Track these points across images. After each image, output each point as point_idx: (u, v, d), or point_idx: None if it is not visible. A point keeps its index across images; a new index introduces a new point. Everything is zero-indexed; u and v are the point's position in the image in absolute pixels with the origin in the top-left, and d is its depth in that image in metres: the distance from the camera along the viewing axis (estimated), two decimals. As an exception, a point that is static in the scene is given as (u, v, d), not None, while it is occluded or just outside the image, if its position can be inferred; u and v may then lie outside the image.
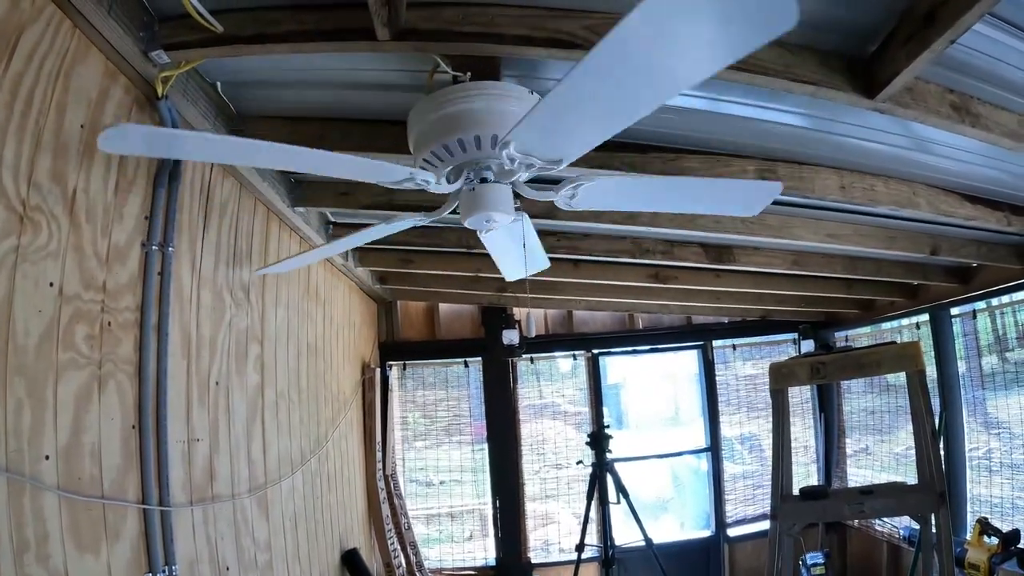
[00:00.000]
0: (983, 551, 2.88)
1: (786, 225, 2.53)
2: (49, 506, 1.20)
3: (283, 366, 2.53)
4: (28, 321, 1.18)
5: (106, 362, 1.41)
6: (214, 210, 1.94)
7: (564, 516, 4.54)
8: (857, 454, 4.51)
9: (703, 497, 4.71)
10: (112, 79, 1.43)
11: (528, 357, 4.50)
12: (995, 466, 3.40)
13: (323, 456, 2.99)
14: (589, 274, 3.36)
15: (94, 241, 1.39)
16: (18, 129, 1.17)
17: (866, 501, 2.56)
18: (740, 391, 4.78)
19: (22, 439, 1.16)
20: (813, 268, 3.12)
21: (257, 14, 1.35)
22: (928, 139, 1.91)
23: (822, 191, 2.03)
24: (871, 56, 1.43)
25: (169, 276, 1.63)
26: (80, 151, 1.34)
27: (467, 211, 1.42)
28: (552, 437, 4.61)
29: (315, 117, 1.85)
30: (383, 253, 3.36)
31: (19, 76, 1.17)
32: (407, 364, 4.53)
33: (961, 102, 1.58)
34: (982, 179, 2.19)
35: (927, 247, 2.74)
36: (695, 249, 2.95)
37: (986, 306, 3.46)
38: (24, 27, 1.17)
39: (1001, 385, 3.42)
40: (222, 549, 1.87)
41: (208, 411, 1.88)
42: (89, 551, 1.30)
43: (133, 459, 1.49)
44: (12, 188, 1.16)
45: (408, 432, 4.58)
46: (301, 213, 2.43)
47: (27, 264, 1.19)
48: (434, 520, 4.56)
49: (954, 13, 1.17)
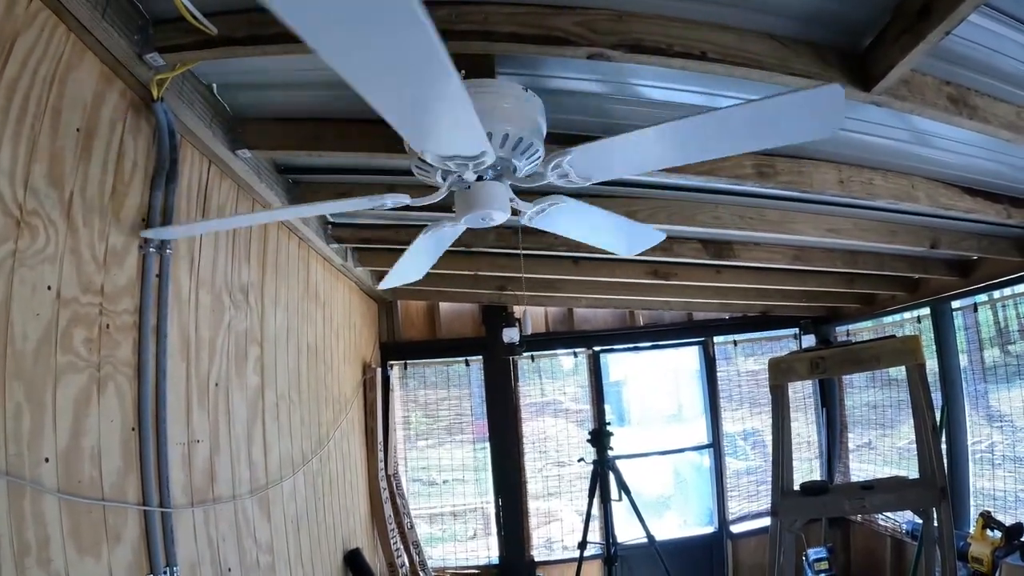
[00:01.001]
0: (986, 545, 2.87)
1: (786, 220, 2.52)
2: (49, 509, 1.21)
3: (283, 367, 2.54)
4: (26, 325, 1.19)
5: (105, 365, 1.41)
6: (212, 211, 1.94)
7: (567, 514, 4.55)
8: (860, 449, 4.50)
9: (706, 493, 4.71)
10: (108, 83, 1.43)
11: (529, 355, 4.50)
12: (998, 459, 3.39)
13: (324, 457, 3.00)
14: (589, 271, 3.36)
15: (91, 244, 1.39)
16: (14, 134, 1.17)
17: (867, 496, 2.55)
18: (742, 387, 4.78)
19: (22, 443, 1.16)
20: (814, 263, 3.11)
21: (250, 16, 1.34)
22: (926, 132, 1.90)
23: (820, 185, 2.03)
24: (866, 49, 1.43)
25: (167, 278, 1.64)
26: (76, 155, 1.34)
27: (464, 208, 1.41)
28: (554, 435, 4.61)
29: (311, 118, 1.85)
30: (382, 253, 3.36)
31: (14, 81, 1.17)
32: (408, 363, 4.53)
33: (958, 94, 1.57)
34: (981, 172, 2.19)
35: (927, 240, 2.73)
36: (694, 245, 2.94)
37: (987, 299, 3.45)
38: (19, 32, 1.17)
39: (1003, 378, 3.41)
40: (224, 551, 1.87)
41: (208, 413, 1.88)
42: (90, 554, 1.31)
43: (133, 461, 1.49)
44: (9, 193, 1.16)
45: (410, 431, 4.59)
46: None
47: (24, 268, 1.19)
48: (437, 519, 4.56)
49: (948, 5, 1.17)
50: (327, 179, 2.33)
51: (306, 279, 2.88)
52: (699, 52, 1.35)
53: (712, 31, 1.36)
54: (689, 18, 1.35)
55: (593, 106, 1.76)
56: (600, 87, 1.69)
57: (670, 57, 1.34)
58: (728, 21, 1.37)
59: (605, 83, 1.67)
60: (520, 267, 3.15)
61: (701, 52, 1.35)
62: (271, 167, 2.18)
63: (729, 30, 1.37)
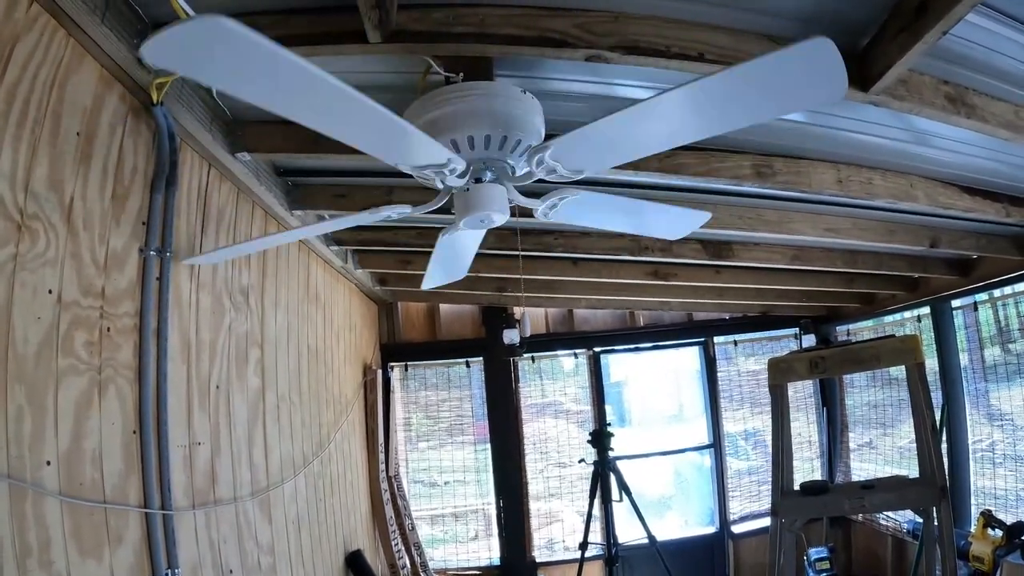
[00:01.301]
0: (987, 544, 2.87)
1: (785, 220, 2.53)
2: (51, 512, 1.21)
3: (284, 369, 2.54)
4: (27, 328, 1.19)
5: (106, 368, 1.41)
6: (212, 214, 1.95)
7: (568, 514, 4.55)
8: (861, 448, 4.50)
9: (707, 494, 4.71)
10: (107, 86, 1.43)
11: (529, 356, 4.51)
12: (999, 458, 3.39)
13: (325, 458, 3.00)
14: (589, 272, 3.37)
15: (92, 248, 1.39)
16: (14, 138, 1.18)
17: (867, 496, 2.56)
18: (742, 387, 4.78)
19: (23, 445, 1.16)
20: (813, 263, 3.12)
21: (248, 19, 1.33)
22: (925, 131, 1.90)
23: (819, 185, 2.03)
24: (864, 49, 1.43)
25: (168, 281, 1.64)
26: (76, 159, 1.34)
27: (464, 210, 1.41)
28: (555, 436, 4.61)
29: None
30: (382, 255, 3.36)
31: (14, 86, 1.18)
32: (409, 365, 4.53)
33: (956, 93, 1.57)
34: (980, 171, 2.19)
35: (927, 239, 2.74)
36: (694, 246, 2.95)
37: (988, 297, 3.45)
38: (18, 37, 1.18)
39: (1004, 377, 3.41)
40: (225, 552, 1.88)
41: (209, 415, 1.88)
42: (91, 556, 1.31)
43: (134, 463, 1.49)
44: (9, 197, 1.16)
45: (411, 433, 4.59)
46: (299, 216, 2.44)
47: (25, 272, 1.19)
48: (438, 520, 4.56)
49: (945, 4, 1.17)
50: (326, 181, 2.34)
51: (306, 281, 2.89)
52: (696, 53, 1.36)
53: (709, 32, 1.37)
54: (686, 19, 1.36)
55: (592, 108, 1.77)
56: (597, 88, 1.69)
57: (668, 59, 1.35)
58: (725, 22, 1.38)
59: (602, 84, 1.67)
60: (519, 268, 3.15)
61: (698, 53, 1.36)
62: (270, 169, 2.18)
63: (726, 31, 1.38)
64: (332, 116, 1.06)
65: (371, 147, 1.20)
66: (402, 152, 1.22)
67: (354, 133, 1.12)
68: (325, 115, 1.06)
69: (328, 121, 1.08)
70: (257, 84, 0.96)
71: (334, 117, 1.06)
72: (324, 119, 1.07)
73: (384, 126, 1.08)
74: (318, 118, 1.07)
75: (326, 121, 1.08)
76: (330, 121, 1.08)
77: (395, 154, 1.24)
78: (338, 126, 1.09)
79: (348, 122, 1.07)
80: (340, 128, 1.10)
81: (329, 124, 1.09)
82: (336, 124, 1.09)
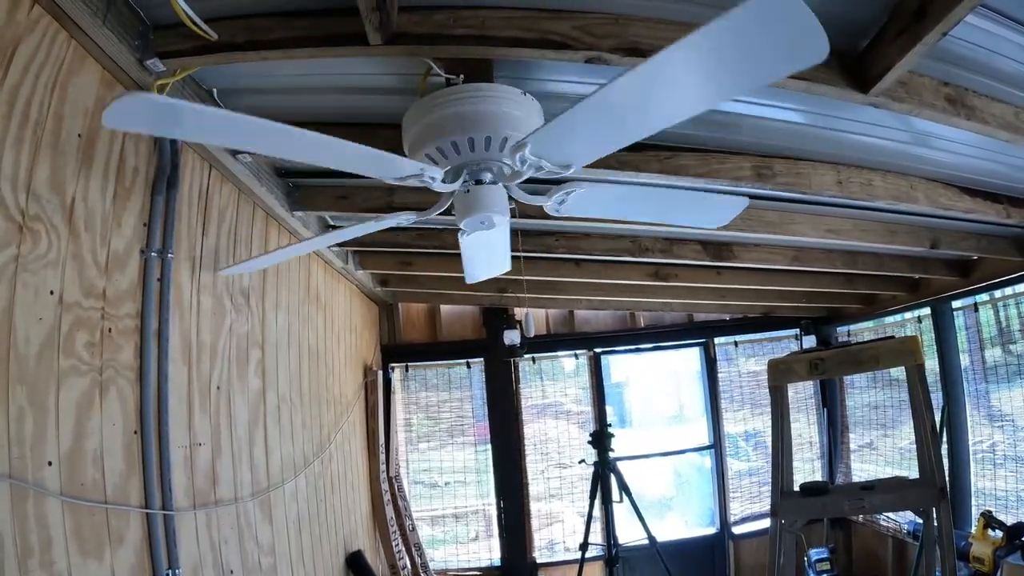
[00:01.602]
0: (987, 544, 2.87)
1: (785, 221, 2.53)
2: (52, 512, 1.22)
3: (284, 370, 2.55)
4: (29, 329, 1.20)
5: (107, 368, 1.42)
6: (212, 216, 1.95)
7: (569, 515, 4.55)
8: (861, 449, 4.50)
9: (707, 494, 4.71)
10: (108, 88, 1.44)
11: (530, 357, 4.51)
12: (999, 459, 3.39)
13: (326, 459, 3.00)
14: (590, 273, 3.37)
15: (93, 249, 1.40)
16: (16, 140, 1.18)
17: (866, 496, 2.56)
18: (743, 388, 4.78)
19: (25, 446, 1.17)
20: (814, 264, 3.12)
21: (250, 21, 1.35)
22: (925, 133, 1.90)
23: (819, 186, 2.03)
24: (863, 51, 1.44)
25: (169, 282, 1.65)
26: (78, 160, 1.35)
27: (464, 212, 1.41)
28: (556, 436, 4.62)
29: (311, 122, 1.85)
30: (383, 256, 3.37)
31: (16, 87, 1.18)
32: (409, 366, 4.54)
33: (956, 95, 1.57)
34: (980, 172, 2.19)
35: (927, 241, 2.74)
36: (694, 247, 2.95)
37: (988, 298, 3.45)
38: (20, 38, 1.18)
39: (1004, 377, 3.41)
40: (226, 553, 1.88)
41: (210, 416, 1.89)
42: (93, 556, 1.31)
43: (135, 464, 1.50)
44: (11, 198, 1.17)
45: (412, 434, 4.59)
46: (300, 217, 2.44)
47: (27, 273, 1.20)
48: (439, 521, 4.56)
49: (944, 6, 1.17)
50: (327, 183, 2.34)
51: (307, 282, 2.89)
52: (696, 55, 1.35)
53: (709, 34, 1.37)
54: (685, 21, 1.36)
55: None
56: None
57: (667, 60, 1.35)
58: (724, 24, 1.37)
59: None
60: (520, 269, 3.15)
61: (698, 55, 1.36)
62: (271, 171, 2.19)
63: (726, 33, 1.38)
64: (304, 151, 1.24)
65: (348, 168, 1.29)
66: (377, 169, 1.30)
67: (328, 160, 1.27)
68: (298, 151, 1.26)
69: (301, 154, 1.29)
70: (221, 136, 1.22)
71: (306, 152, 1.26)
72: (296, 153, 1.28)
73: (352, 153, 1.20)
74: (292, 152, 1.30)
75: (299, 154, 1.29)
76: (303, 154, 1.29)
77: (371, 171, 1.32)
78: (312, 157, 1.30)
79: (320, 155, 1.24)
80: (314, 158, 1.29)
81: (303, 156, 1.31)
82: (310, 156, 1.29)
